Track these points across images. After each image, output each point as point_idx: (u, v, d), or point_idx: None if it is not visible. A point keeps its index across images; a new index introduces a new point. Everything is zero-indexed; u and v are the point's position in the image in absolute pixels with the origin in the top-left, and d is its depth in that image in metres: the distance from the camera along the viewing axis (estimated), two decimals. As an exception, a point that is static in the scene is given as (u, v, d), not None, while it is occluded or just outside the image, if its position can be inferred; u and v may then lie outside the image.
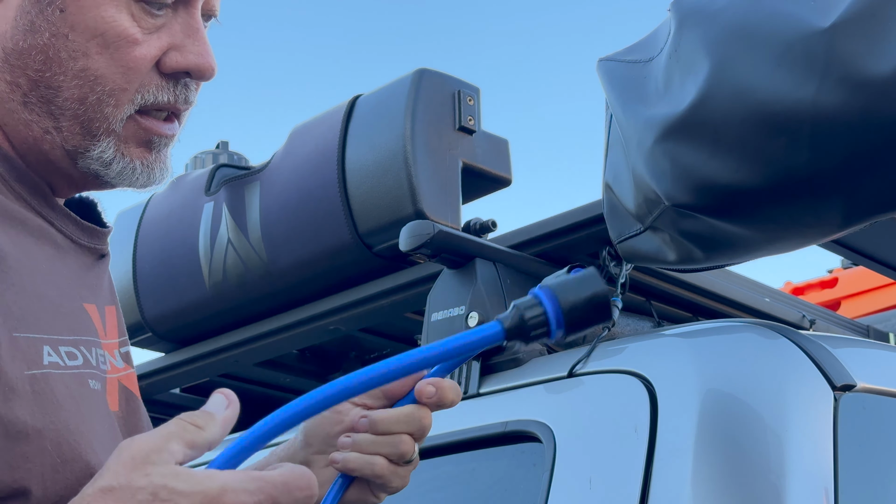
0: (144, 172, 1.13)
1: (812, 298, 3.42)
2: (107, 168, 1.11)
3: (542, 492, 1.43)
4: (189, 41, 1.12)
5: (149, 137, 1.12)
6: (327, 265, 2.06)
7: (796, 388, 1.43)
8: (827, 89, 1.24)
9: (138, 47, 1.09)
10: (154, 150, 1.13)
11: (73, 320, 1.08)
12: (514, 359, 1.70)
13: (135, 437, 0.88)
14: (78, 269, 1.14)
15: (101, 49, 1.08)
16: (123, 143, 1.11)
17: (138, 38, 1.09)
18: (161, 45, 1.10)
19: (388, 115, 1.98)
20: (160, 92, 1.11)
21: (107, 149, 1.10)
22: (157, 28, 1.10)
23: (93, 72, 1.08)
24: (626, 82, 1.50)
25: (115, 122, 1.10)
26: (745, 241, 1.40)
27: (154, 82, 1.11)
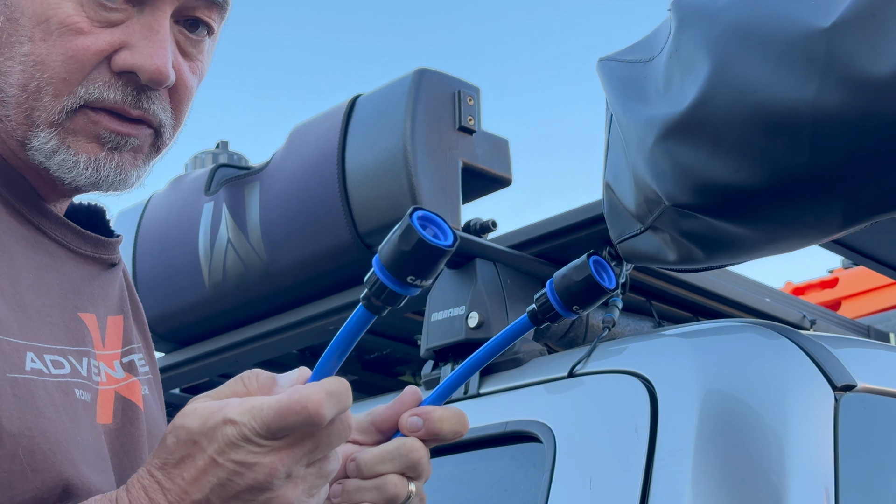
0: (88, 168, 1.07)
1: (812, 298, 3.42)
2: (49, 159, 1.07)
3: (542, 492, 1.42)
4: (144, 42, 1.07)
5: (98, 131, 1.07)
6: (327, 265, 2.06)
7: (797, 389, 1.43)
8: (827, 89, 1.24)
9: (82, 37, 1.06)
10: (106, 148, 1.08)
11: (60, 330, 1.06)
12: (514, 359, 1.70)
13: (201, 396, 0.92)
14: (77, 279, 1.12)
15: (45, 35, 1.05)
16: (71, 135, 1.07)
17: (83, 28, 1.06)
18: (112, 40, 1.07)
19: (388, 115, 1.98)
20: (107, 89, 1.07)
21: (47, 139, 1.06)
22: (112, 23, 1.07)
23: (34, 57, 1.05)
24: (626, 82, 1.50)
25: (54, 113, 1.06)
26: (746, 242, 1.40)
27: (102, 78, 1.07)
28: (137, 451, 1.11)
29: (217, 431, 0.87)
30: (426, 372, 1.79)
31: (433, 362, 1.79)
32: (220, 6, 1.13)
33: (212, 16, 1.13)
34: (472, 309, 1.71)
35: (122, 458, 1.09)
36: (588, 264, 1.07)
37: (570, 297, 1.08)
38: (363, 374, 2.41)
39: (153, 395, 1.20)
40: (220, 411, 0.88)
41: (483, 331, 1.70)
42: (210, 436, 0.88)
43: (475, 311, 1.71)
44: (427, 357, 1.80)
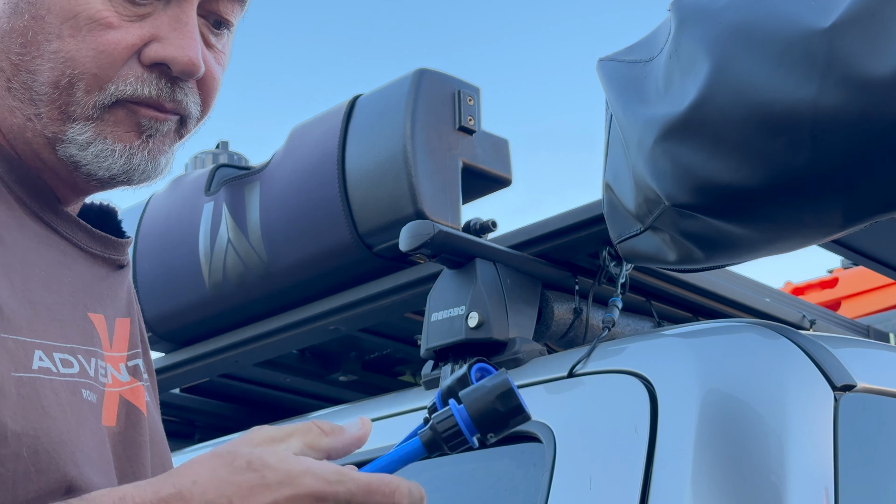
0: (123, 157, 1.08)
1: (812, 298, 3.42)
2: (83, 151, 1.07)
3: (542, 492, 1.42)
4: (174, 34, 1.07)
5: (138, 119, 1.08)
6: (327, 265, 2.06)
7: (796, 389, 1.43)
8: (827, 89, 1.24)
9: (112, 32, 1.05)
10: (143, 135, 1.09)
11: (71, 328, 1.06)
12: (514, 359, 1.70)
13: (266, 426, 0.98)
14: (88, 278, 1.11)
15: (74, 31, 1.05)
16: (110, 125, 1.07)
17: (112, 23, 1.05)
18: (142, 34, 1.07)
19: (388, 115, 1.98)
20: (140, 84, 1.07)
21: (83, 130, 1.07)
22: (140, 17, 1.07)
23: (64, 54, 1.05)
24: (626, 82, 1.50)
25: (88, 108, 1.06)
26: (746, 242, 1.40)
27: (134, 73, 1.07)
28: (140, 456, 1.10)
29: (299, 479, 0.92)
30: (426, 372, 1.79)
31: (433, 362, 1.79)
32: (241, 1, 1.14)
33: (234, 9, 1.14)
34: (472, 309, 1.71)
35: (124, 462, 1.08)
36: (469, 375, 0.99)
37: (486, 424, 0.97)
38: (363, 375, 2.41)
39: (154, 402, 1.19)
40: (302, 462, 0.94)
41: (483, 331, 1.70)
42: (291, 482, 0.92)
43: (475, 311, 1.71)
44: (427, 357, 1.80)
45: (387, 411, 1.81)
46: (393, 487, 0.94)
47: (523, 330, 1.75)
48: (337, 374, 2.39)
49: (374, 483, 0.94)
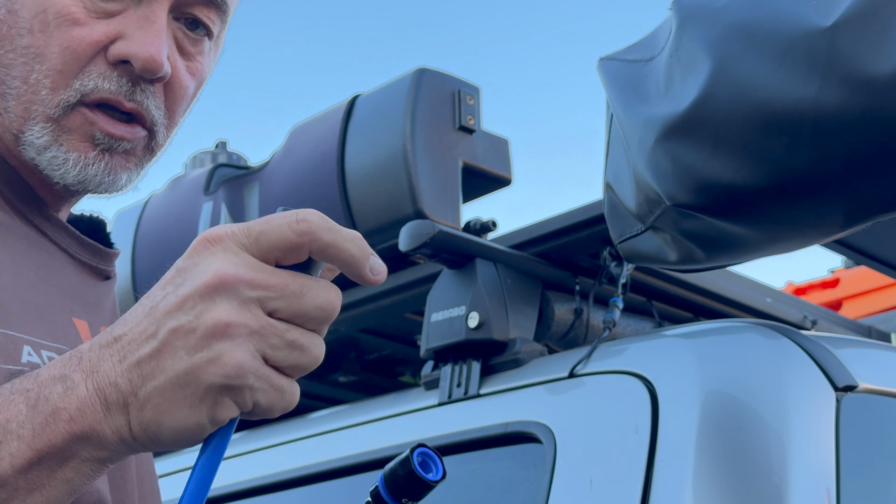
0: (76, 167, 1.06)
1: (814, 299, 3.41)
2: (40, 155, 1.06)
3: (542, 493, 1.42)
4: (139, 31, 1.06)
5: (92, 132, 1.06)
6: (327, 265, 2.05)
7: (798, 389, 1.42)
8: (828, 89, 1.23)
9: (79, 28, 1.05)
10: (98, 148, 1.07)
11: (58, 329, 1.05)
12: (514, 359, 1.69)
13: None
14: (75, 284, 1.11)
15: (43, 26, 1.05)
16: (65, 132, 1.06)
17: (79, 19, 1.05)
18: (108, 31, 1.06)
19: (388, 114, 1.98)
20: (102, 80, 1.06)
21: (41, 133, 1.05)
22: (109, 14, 1.06)
23: (34, 49, 1.05)
24: (626, 82, 1.50)
25: (50, 107, 1.05)
26: (747, 242, 1.40)
27: (98, 70, 1.06)
28: (126, 462, 1.09)
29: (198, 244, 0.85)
30: (426, 372, 1.79)
31: (433, 363, 1.79)
32: (218, 6, 1.12)
33: (210, 16, 1.12)
34: (472, 309, 1.71)
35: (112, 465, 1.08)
36: (411, 458, 1.07)
37: (399, 491, 1.07)
38: (363, 375, 2.41)
39: None
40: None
41: (483, 331, 1.70)
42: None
43: (475, 311, 1.71)
44: (427, 357, 1.80)
45: (387, 412, 1.81)
46: (307, 215, 0.82)
47: (524, 330, 1.74)
48: (337, 375, 2.39)
49: (278, 216, 0.83)
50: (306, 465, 1.81)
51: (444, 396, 1.71)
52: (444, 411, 1.69)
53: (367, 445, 1.74)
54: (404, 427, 1.73)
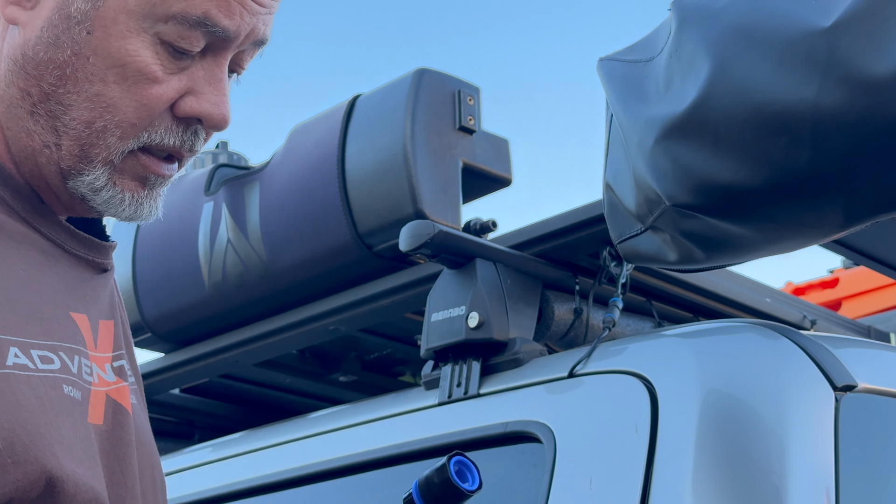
0: (132, 205, 1.12)
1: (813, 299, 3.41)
2: (95, 194, 1.11)
3: (542, 492, 1.42)
4: (209, 89, 1.11)
5: (146, 174, 1.12)
6: (327, 265, 2.06)
7: (797, 389, 1.43)
8: (828, 89, 1.24)
9: (157, 86, 1.08)
10: (147, 187, 1.13)
11: (52, 326, 1.06)
12: (514, 359, 1.69)
13: None
14: (71, 279, 1.12)
15: (120, 80, 1.08)
16: (118, 173, 1.11)
17: (158, 77, 1.08)
18: (180, 87, 1.10)
19: (388, 114, 1.98)
20: (168, 134, 1.11)
21: (100, 176, 1.10)
22: (180, 70, 1.10)
23: (106, 99, 1.08)
24: (626, 82, 1.50)
25: (114, 154, 1.09)
26: (746, 242, 1.40)
27: (164, 124, 1.10)
28: (128, 455, 1.11)
29: None
30: (426, 372, 1.79)
31: (433, 362, 1.79)
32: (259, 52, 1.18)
33: (246, 64, 1.18)
34: (472, 309, 1.71)
35: (111, 459, 1.09)
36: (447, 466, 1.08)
37: (433, 499, 1.09)
38: (363, 375, 2.41)
39: (141, 404, 1.20)
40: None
41: (483, 331, 1.70)
42: None
43: (475, 311, 1.71)
44: (427, 357, 1.80)
45: (387, 412, 1.81)
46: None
47: (523, 330, 1.74)
48: (337, 375, 2.39)
49: None
50: (306, 465, 1.81)
51: (444, 396, 1.71)
52: (444, 411, 1.70)
53: (367, 445, 1.74)
54: (404, 427, 1.73)
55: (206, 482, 1.97)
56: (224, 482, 1.94)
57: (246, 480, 1.91)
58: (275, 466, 1.88)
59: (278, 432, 2.01)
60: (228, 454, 2.05)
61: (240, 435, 2.19)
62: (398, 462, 1.67)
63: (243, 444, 2.07)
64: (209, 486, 1.95)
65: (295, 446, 1.91)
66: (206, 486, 1.96)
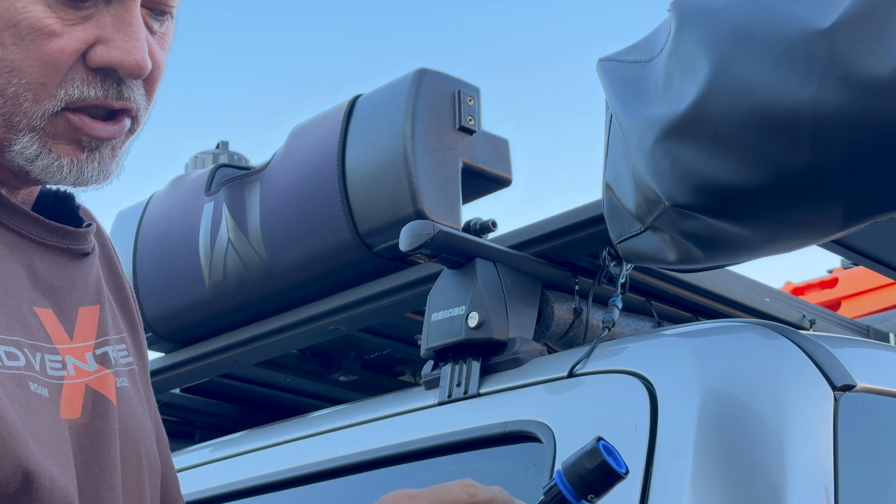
0: (72, 171, 1.06)
1: (812, 298, 3.42)
2: (31, 164, 1.05)
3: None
4: (118, 35, 1.04)
5: (78, 136, 1.05)
6: (327, 265, 2.06)
7: (796, 389, 1.43)
8: (827, 89, 1.24)
9: (56, 39, 1.02)
10: (86, 150, 1.06)
11: (16, 321, 1.03)
12: (514, 359, 1.70)
13: None
14: (40, 271, 1.09)
15: (16, 40, 1.02)
16: (52, 139, 1.05)
17: (55, 30, 1.02)
18: (85, 37, 1.03)
19: (388, 115, 1.98)
20: (86, 87, 1.04)
21: (29, 144, 1.04)
22: (83, 19, 1.04)
23: (8, 63, 1.02)
24: (626, 82, 1.50)
25: (35, 118, 1.03)
26: (746, 242, 1.40)
27: (80, 76, 1.04)
28: (107, 446, 1.07)
29: None
30: (426, 372, 1.79)
31: (433, 362, 1.79)
32: None
33: (174, 2, 1.11)
34: (472, 309, 1.71)
35: (88, 453, 1.06)
36: (599, 449, 1.04)
37: (584, 486, 1.05)
38: (363, 374, 2.41)
39: (135, 387, 1.16)
40: None
41: (483, 331, 1.70)
42: None
43: (475, 311, 1.71)
44: (427, 357, 1.80)
45: (387, 411, 1.81)
46: None
47: (523, 330, 1.75)
48: (337, 374, 2.39)
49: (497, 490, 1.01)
50: (306, 465, 1.82)
51: (444, 396, 1.71)
52: (444, 410, 1.70)
53: (367, 445, 1.74)
54: (404, 426, 1.73)
55: (206, 482, 1.97)
56: (224, 482, 1.94)
57: (246, 480, 1.91)
58: (275, 466, 1.88)
59: (278, 432, 2.02)
60: (229, 454, 2.05)
61: (240, 435, 2.19)
62: (398, 462, 1.68)
63: (243, 443, 2.07)
64: (209, 486, 1.95)
65: (295, 446, 1.91)
66: (206, 485, 1.96)
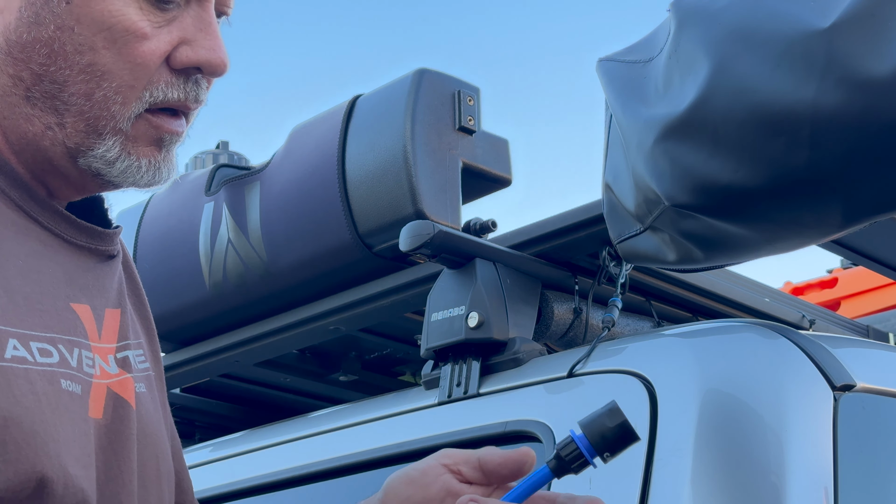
0: (150, 171, 1.09)
1: (812, 298, 3.42)
2: (110, 167, 1.07)
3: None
4: (201, 35, 1.07)
5: (160, 135, 1.08)
6: (327, 265, 2.06)
7: (796, 389, 1.43)
8: (827, 89, 1.24)
9: (147, 42, 1.05)
10: (163, 149, 1.10)
11: (52, 318, 1.04)
12: (514, 359, 1.70)
13: None
14: (72, 269, 1.09)
15: (109, 44, 1.04)
16: (132, 141, 1.07)
17: (147, 33, 1.05)
18: (171, 39, 1.07)
19: (388, 115, 1.98)
20: (170, 89, 1.07)
21: (112, 147, 1.07)
22: (168, 22, 1.07)
23: (99, 67, 1.04)
24: (625, 82, 1.50)
25: (122, 121, 1.06)
26: (745, 242, 1.41)
27: (163, 79, 1.07)
28: (126, 449, 1.08)
29: None
30: (426, 372, 1.79)
31: (433, 362, 1.79)
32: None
33: (230, 5, 1.15)
34: (472, 309, 1.71)
35: (109, 454, 1.06)
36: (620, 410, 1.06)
37: (604, 444, 1.07)
38: (363, 374, 2.41)
39: (151, 393, 1.17)
40: None
41: (483, 331, 1.70)
42: None
43: (475, 311, 1.71)
44: (427, 357, 1.80)
45: (387, 411, 1.81)
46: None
47: (523, 330, 1.75)
48: (337, 374, 2.39)
49: None
50: (306, 465, 1.82)
51: (443, 396, 1.71)
52: (443, 410, 1.70)
53: (367, 445, 1.75)
54: (404, 426, 1.73)
55: (206, 482, 1.97)
56: (224, 482, 1.94)
57: (246, 480, 1.91)
58: (275, 466, 1.88)
59: (278, 432, 2.02)
60: (229, 454, 2.06)
61: (240, 434, 2.20)
62: (398, 462, 1.68)
63: (244, 443, 2.07)
64: (209, 486, 1.96)
65: (295, 446, 1.91)
66: (206, 485, 1.96)
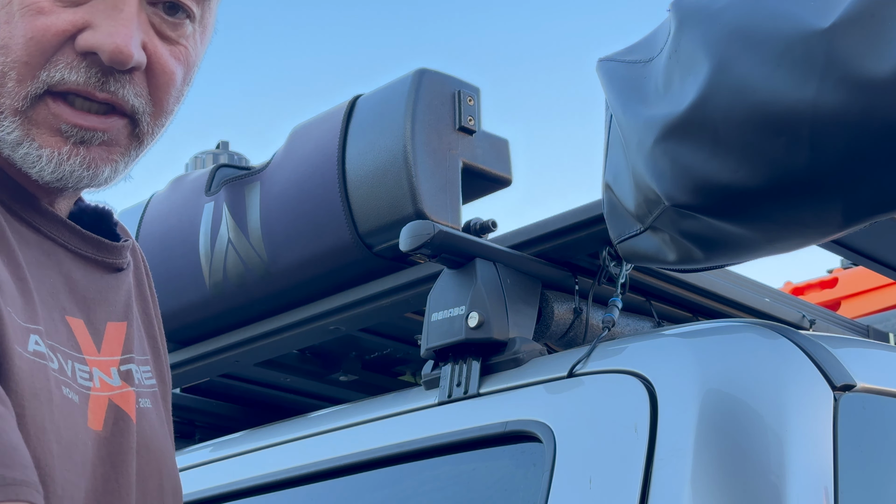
0: (50, 164, 1.03)
1: (812, 298, 3.42)
2: (14, 150, 1.03)
3: (542, 492, 1.43)
4: (107, 21, 1.02)
5: (58, 125, 1.03)
6: (327, 265, 2.06)
7: (796, 389, 1.43)
8: (827, 89, 1.24)
9: (42, 17, 1.01)
10: (70, 142, 1.03)
11: (49, 327, 1.03)
12: (514, 359, 1.70)
13: None
14: (75, 280, 1.08)
15: (8, 17, 1.02)
16: (35, 126, 1.03)
17: (44, 8, 1.01)
18: (74, 20, 1.02)
19: (388, 115, 1.98)
20: (69, 71, 1.02)
21: (11, 128, 1.02)
22: (76, 3, 1.03)
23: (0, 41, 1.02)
24: (626, 82, 1.50)
25: (17, 100, 1.02)
26: (745, 242, 1.41)
27: (65, 60, 1.02)
28: (125, 462, 1.07)
29: None
30: (426, 372, 1.79)
31: (433, 362, 1.79)
32: None
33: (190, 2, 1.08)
34: (472, 309, 1.71)
35: (108, 467, 1.05)
36: None
37: None
38: (363, 374, 2.41)
39: (156, 408, 1.15)
40: None
41: (483, 331, 1.70)
42: None
43: (475, 311, 1.71)
44: (427, 357, 1.80)
45: (387, 411, 1.81)
46: None
47: (523, 330, 1.75)
48: (337, 374, 2.39)
49: None
50: (306, 465, 1.82)
51: (444, 396, 1.71)
52: (444, 410, 1.70)
53: (367, 445, 1.75)
54: (404, 426, 1.73)
55: (206, 482, 1.97)
56: (224, 482, 1.94)
57: (246, 480, 1.91)
58: (275, 466, 1.88)
59: (278, 432, 2.02)
60: (229, 454, 2.06)
61: (240, 434, 2.20)
62: (398, 462, 1.68)
63: (244, 443, 2.07)
64: (210, 486, 1.96)
65: (295, 446, 1.91)
66: (206, 485, 1.96)
